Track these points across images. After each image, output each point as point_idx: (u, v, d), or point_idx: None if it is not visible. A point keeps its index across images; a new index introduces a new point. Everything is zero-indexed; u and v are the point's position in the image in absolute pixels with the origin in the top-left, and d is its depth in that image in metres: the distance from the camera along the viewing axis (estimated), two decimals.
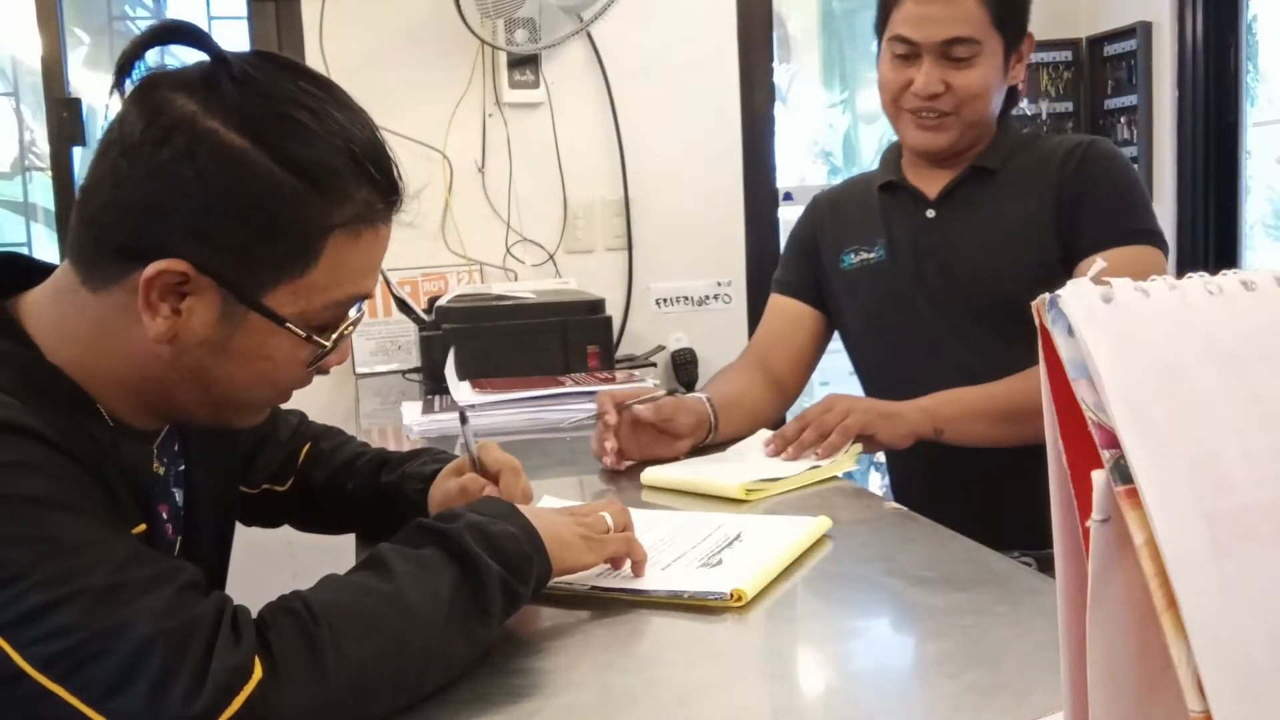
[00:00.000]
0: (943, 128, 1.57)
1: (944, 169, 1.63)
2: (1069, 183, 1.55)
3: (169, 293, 0.82)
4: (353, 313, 0.91)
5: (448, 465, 1.19)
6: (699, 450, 1.54)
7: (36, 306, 0.87)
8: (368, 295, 0.90)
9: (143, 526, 0.86)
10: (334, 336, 0.89)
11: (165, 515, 0.96)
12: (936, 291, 1.61)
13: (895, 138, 1.69)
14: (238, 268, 0.83)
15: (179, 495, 0.98)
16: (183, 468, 0.99)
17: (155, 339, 0.83)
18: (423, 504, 1.16)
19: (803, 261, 1.77)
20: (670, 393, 1.58)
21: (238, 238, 0.82)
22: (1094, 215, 1.52)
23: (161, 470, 0.95)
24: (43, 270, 0.91)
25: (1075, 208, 1.53)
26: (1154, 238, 1.53)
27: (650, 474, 1.42)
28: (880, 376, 1.70)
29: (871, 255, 1.67)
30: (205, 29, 0.87)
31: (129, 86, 0.85)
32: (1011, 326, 1.53)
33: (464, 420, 1.21)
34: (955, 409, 1.48)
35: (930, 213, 1.63)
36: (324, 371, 0.93)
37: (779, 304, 1.79)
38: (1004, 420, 1.47)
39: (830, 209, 1.77)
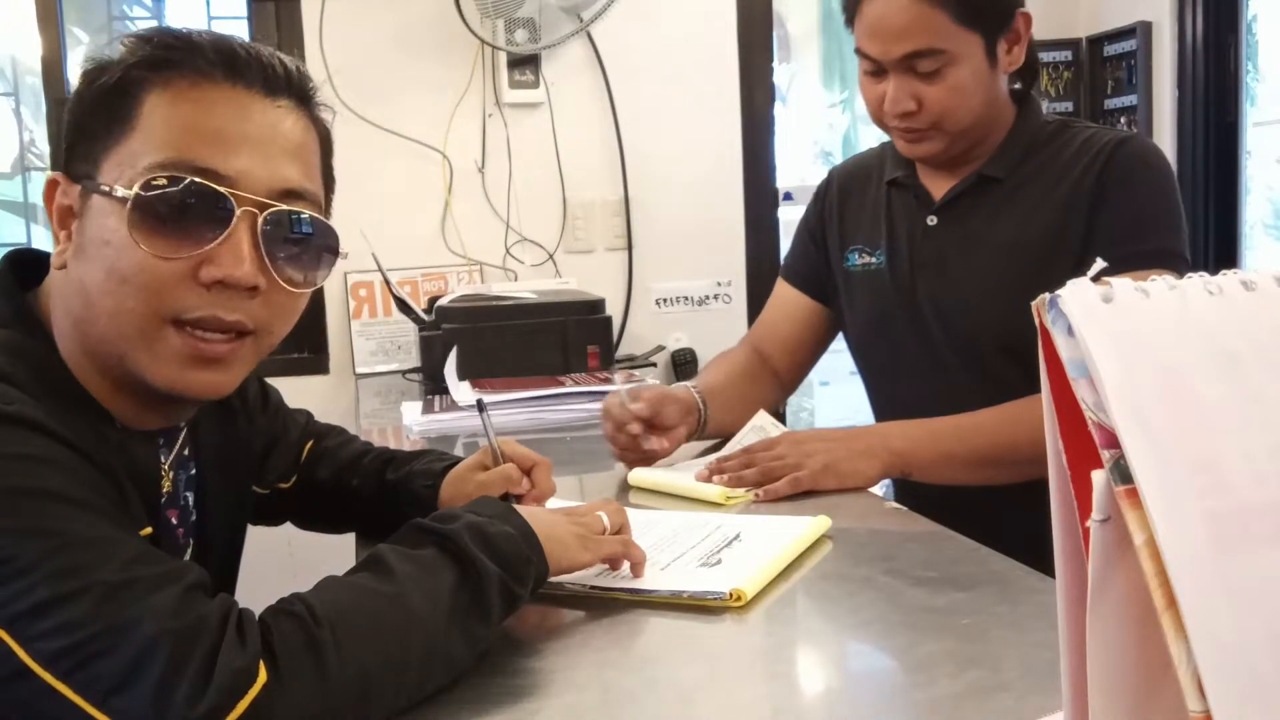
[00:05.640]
0: (927, 138, 1.46)
1: (952, 171, 1.54)
2: (1085, 196, 1.42)
3: (66, 224, 0.87)
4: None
5: (469, 459, 1.19)
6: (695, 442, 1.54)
7: (53, 300, 0.89)
8: (203, 168, 0.84)
9: (149, 530, 0.85)
10: (142, 193, 0.82)
11: (175, 520, 0.96)
12: (925, 319, 1.53)
13: None
14: (79, 155, 0.86)
15: (190, 499, 0.98)
16: (193, 471, 0.99)
17: (55, 267, 0.87)
18: (431, 501, 1.16)
19: (809, 250, 1.71)
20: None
21: (78, 126, 0.87)
22: (1107, 233, 1.39)
23: (170, 474, 0.95)
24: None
25: (1090, 226, 1.41)
26: (1170, 259, 1.38)
27: (637, 474, 1.43)
28: (878, 385, 1.67)
29: (873, 260, 1.60)
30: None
31: None
32: (1002, 368, 1.46)
33: (482, 409, 1.20)
34: (929, 455, 1.41)
35: (931, 220, 1.54)
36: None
37: (781, 290, 1.74)
38: (981, 466, 1.40)
39: (840, 196, 1.68)
